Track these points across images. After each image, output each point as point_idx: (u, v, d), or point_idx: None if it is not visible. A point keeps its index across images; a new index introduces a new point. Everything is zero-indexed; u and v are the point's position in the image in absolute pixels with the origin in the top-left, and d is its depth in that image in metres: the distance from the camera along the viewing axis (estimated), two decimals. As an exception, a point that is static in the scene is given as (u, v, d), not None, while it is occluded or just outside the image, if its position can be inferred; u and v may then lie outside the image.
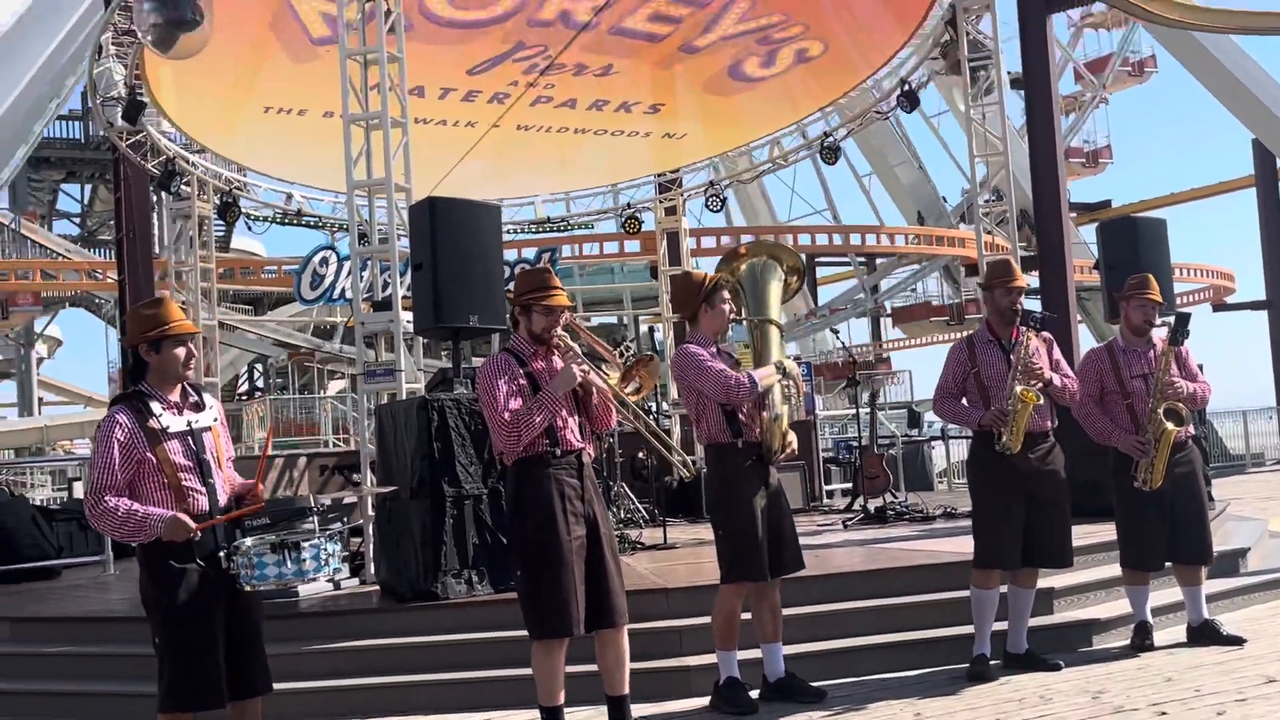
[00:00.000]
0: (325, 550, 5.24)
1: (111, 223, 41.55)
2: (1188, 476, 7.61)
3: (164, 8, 10.78)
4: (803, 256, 7.90)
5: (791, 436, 6.77)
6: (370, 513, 9.68)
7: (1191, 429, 7.65)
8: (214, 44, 11.73)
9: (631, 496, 13.51)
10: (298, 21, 13.65)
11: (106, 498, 4.97)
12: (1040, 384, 6.99)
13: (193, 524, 4.99)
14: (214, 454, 5.28)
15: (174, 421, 5.18)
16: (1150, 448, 7.40)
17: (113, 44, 13.25)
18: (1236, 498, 16.08)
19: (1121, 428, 7.58)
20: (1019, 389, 6.87)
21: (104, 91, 14.31)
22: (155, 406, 5.16)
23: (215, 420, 5.38)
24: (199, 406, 5.33)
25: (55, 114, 31.77)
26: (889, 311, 46.44)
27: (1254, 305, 41.81)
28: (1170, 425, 7.34)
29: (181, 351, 5.25)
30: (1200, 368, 8.09)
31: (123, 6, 12.27)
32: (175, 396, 5.25)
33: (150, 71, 13.90)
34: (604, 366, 6.72)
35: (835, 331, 30.82)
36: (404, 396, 9.71)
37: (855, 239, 36.81)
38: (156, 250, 20.37)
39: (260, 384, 45.75)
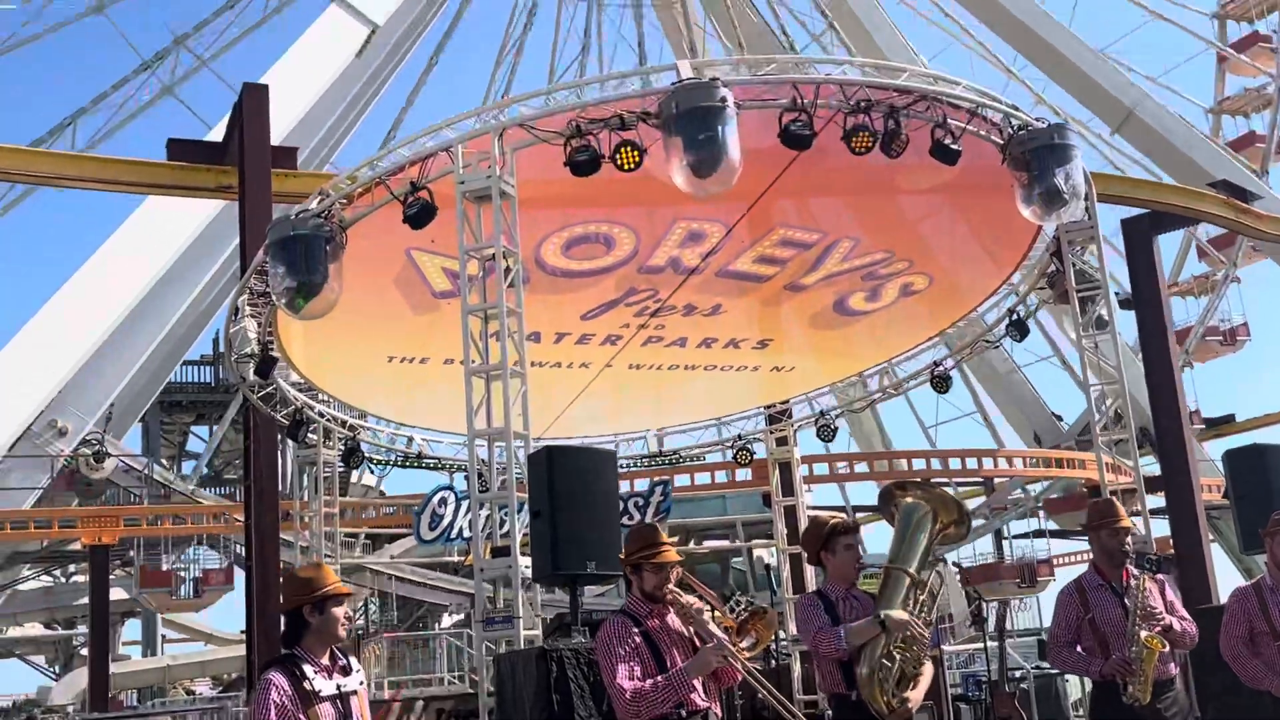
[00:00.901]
0: None
1: (237, 461, 43.00)
2: None
3: (297, 273, 11.40)
4: (965, 508, 7.68)
5: (909, 694, 6.52)
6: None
7: None
8: (341, 300, 12.29)
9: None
10: (420, 277, 14.27)
11: None
12: (1160, 628, 6.78)
13: None
14: (359, 717, 5.41)
15: (325, 685, 5.31)
16: None
17: (248, 305, 14.01)
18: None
19: (1275, 670, 7.24)
20: (1143, 635, 6.66)
21: (238, 349, 15.03)
22: (308, 669, 5.31)
23: (360, 684, 5.53)
24: (346, 670, 5.48)
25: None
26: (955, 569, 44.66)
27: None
28: (1322, 667, 7.02)
29: (340, 611, 5.44)
30: None
31: (258, 272, 13.01)
32: (326, 660, 5.41)
33: (281, 327, 14.61)
34: (715, 614, 6.67)
35: (957, 565, 30.10)
36: (522, 643, 9.75)
37: (972, 463, 36.39)
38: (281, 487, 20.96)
39: (375, 619, 45.88)
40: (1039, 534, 44.57)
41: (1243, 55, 47.31)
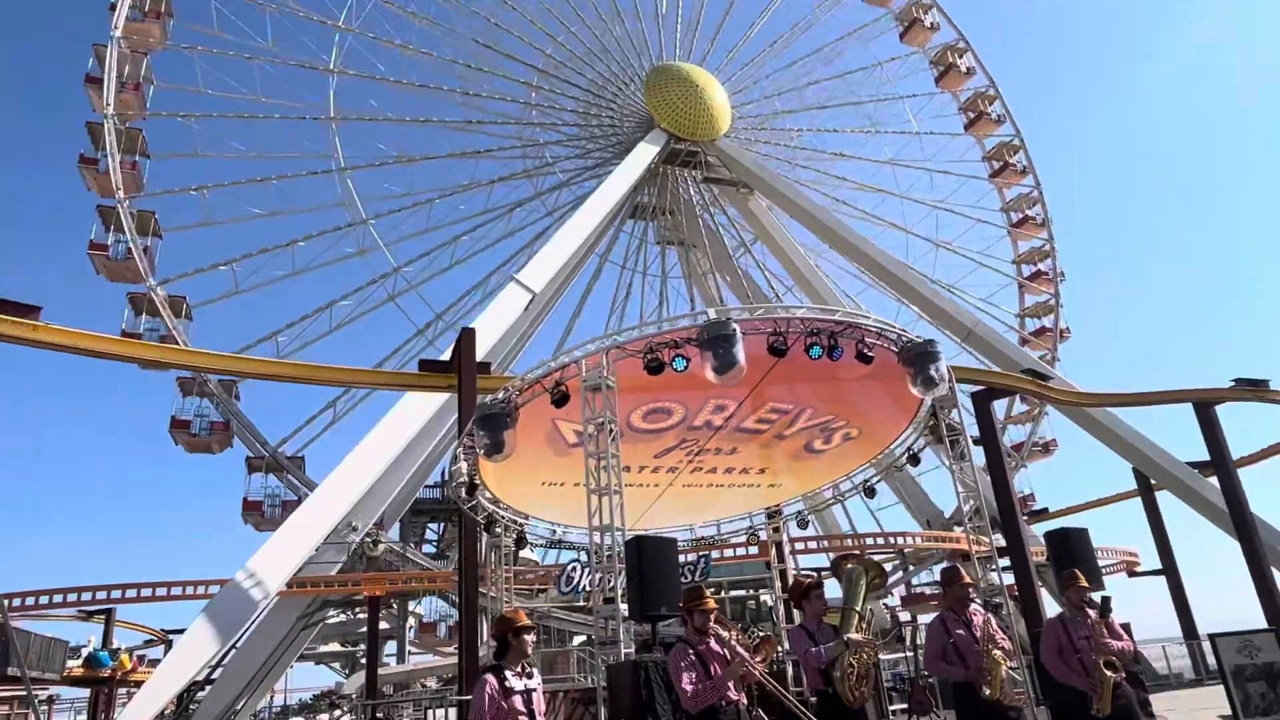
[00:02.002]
0: None
1: (454, 545, 42.55)
2: (1127, 706, 6.64)
3: (490, 435, 11.47)
4: (884, 569, 7.42)
5: (864, 688, 6.12)
6: (604, 734, 9.08)
7: (1123, 674, 6.73)
8: (515, 450, 12.28)
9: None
10: (559, 435, 14.25)
11: None
12: (998, 648, 6.41)
13: None
14: (538, 706, 5.23)
15: (517, 684, 5.18)
16: (1098, 687, 6.54)
17: (462, 453, 14.05)
18: (1171, 709, 13.75)
19: (1076, 673, 6.74)
20: (995, 653, 6.29)
21: (456, 479, 15.02)
22: (508, 674, 5.18)
23: (538, 686, 5.34)
24: (530, 675, 5.31)
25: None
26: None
27: (1154, 572, 37.39)
28: (1109, 673, 6.51)
29: (529, 638, 5.31)
30: (1125, 628, 7.23)
31: (468, 434, 13.10)
32: (518, 668, 5.24)
33: (481, 466, 14.60)
34: (739, 639, 6.33)
35: (888, 606, 28.59)
36: (622, 657, 9.34)
37: (893, 541, 34.96)
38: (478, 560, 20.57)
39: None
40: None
41: (1033, 283, 47.59)
